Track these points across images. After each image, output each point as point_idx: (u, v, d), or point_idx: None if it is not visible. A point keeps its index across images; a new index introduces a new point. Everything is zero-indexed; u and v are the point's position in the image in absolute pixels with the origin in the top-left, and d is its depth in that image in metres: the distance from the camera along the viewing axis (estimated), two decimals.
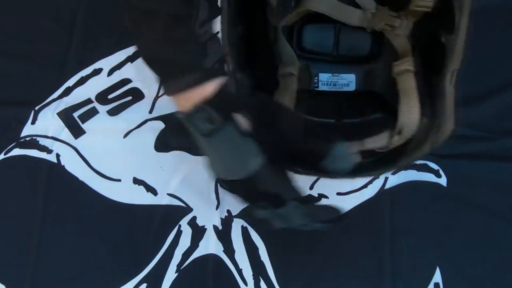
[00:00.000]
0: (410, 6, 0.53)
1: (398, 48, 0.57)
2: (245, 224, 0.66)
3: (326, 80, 0.62)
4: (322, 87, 0.62)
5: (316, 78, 0.62)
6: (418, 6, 0.52)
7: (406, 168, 0.64)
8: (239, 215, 0.67)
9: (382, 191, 0.66)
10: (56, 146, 0.69)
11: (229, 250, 0.66)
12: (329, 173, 0.45)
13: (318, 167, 0.45)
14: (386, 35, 0.58)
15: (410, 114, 0.50)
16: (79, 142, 0.69)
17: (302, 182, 0.62)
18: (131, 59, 0.71)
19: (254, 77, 0.55)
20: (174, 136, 0.68)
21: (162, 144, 0.68)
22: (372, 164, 0.53)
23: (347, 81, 0.62)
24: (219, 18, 0.72)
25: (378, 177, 0.66)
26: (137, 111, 0.70)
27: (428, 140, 0.50)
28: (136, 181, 0.68)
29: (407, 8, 0.55)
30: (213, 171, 0.44)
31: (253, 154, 0.42)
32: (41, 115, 0.70)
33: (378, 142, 0.51)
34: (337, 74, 0.62)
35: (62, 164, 0.69)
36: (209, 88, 0.40)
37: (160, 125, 0.69)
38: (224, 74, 0.41)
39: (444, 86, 0.49)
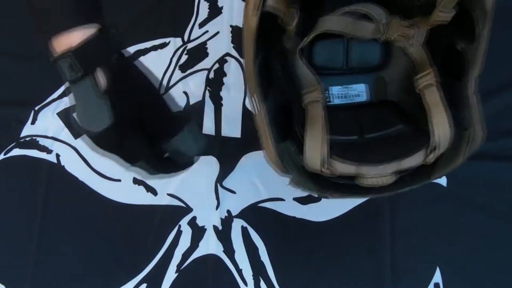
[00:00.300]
0: (430, 20, 0.52)
1: (414, 57, 0.56)
2: (245, 224, 0.66)
3: (337, 93, 0.62)
4: (334, 101, 0.62)
5: (327, 92, 0.62)
6: (437, 20, 0.52)
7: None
8: (239, 215, 0.67)
9: None
10: (56, 146, 0.69)
11: (229, 250, 0.66)
12: (176, 153, 0.48)
13: (165, 145, 0.47)
14: (401, 45, 0.57)
15: (443, 129, 0.49)
16: (79, 142, 0.69)
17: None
18: (131, 58, 0.71)
19: (277, 105, 0.55)
20: None
21: None
22: (407, 179, 0.52)
23: (358, 91, 0.62)
24: (219, 18, 0.72)
25: None
26: None
27: (461, 151, 0.50)
28: (136, 181, 0.68)
29: (421, 18, 0.54)
30: (77, 119, 0.45)
31: (103, 113, 0.43)
32: (41, 115, 0.70)
33: (414, 161, 0.50)
34: (348, 86, 0.62)
35: (62, 164, 0.69)
36: (76, 36, 0.41)
37: None
38: (97, 29, 0.42)
39: (469, 94, 0.49)
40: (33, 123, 0.70)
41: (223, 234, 0.66)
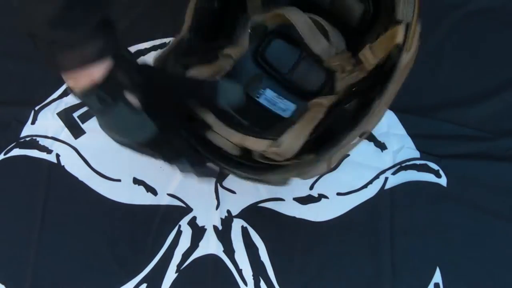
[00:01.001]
0: (358, 54, 0.53)
1: (338, 88, 0.57)
2: (245, 224, 0.66)
3: (269, 97, 0.62)
4: (262, 101, 0.62)
5: (262, 91, 0.62)
6: (363, 56, 0.52)
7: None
8: (239, 215, 0.67)
9: (382, 191, 0.66)
10: (56, 146, 0.69)
11: (229, 250, 0.66)
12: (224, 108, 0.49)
13: (213, 107, 0.49)
14: (337, 74, 0.58)
15: (291, 139, 0.50)
16: (79, 142, 0.69)
17: (302, 183, 0.62)
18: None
19: (207, 45, 0.58)
20: None
21: None
22: (246, 167, 0.53)
23: (286, 107, 0.62)
24: None
25: (377, 177, 0.66)
26: None
27: (296, 168, 0.50)
28: (136, 181, 0.68)
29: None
30: (110, 135, 0.47)
31: (144, 126, 0.45)
32: (41, 115, 0.70)
33: (256, 144, 0.51)
34: (281, 98, 0.62)
35: (62, 164, 0.69)
36: (98, 71, 0.41)
37: None
38: (113, 56, 0.42)
39: (345, 138, 0.48)
40: (33, 123, 0.70)
41: (223, 234, 0.66)
